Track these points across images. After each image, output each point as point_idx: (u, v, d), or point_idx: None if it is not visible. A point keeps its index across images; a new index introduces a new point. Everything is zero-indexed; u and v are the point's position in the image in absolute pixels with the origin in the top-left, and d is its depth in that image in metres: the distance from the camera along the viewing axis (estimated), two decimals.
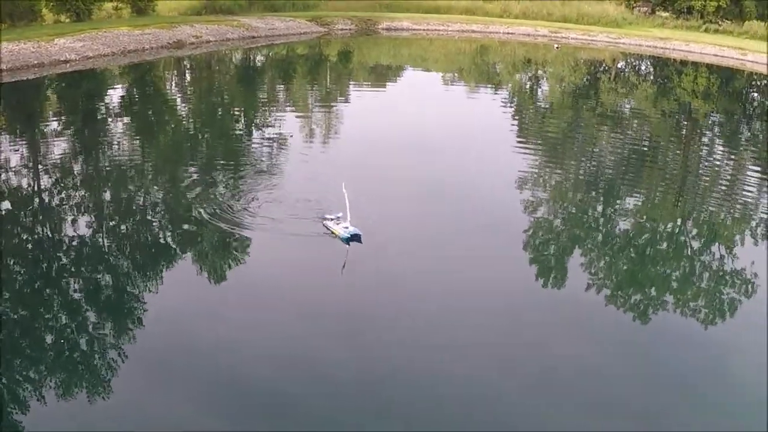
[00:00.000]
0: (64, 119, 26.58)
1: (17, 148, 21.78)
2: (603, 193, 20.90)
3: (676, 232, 18.17)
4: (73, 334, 11.79)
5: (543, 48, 54.39)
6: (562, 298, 14.10)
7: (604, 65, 50.64)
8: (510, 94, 38.80)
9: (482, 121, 29.94)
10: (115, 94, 31.72)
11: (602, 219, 18.78)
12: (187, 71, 40.18)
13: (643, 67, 52.34)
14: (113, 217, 16.90)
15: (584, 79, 44.04)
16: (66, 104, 29.49)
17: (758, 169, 24.72)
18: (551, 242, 16.97)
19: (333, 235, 15.03)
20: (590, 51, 54.34)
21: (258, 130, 26.39)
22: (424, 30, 57.72)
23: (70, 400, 10.09)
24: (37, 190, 18.25)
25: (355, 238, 14.78)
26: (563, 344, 12.14)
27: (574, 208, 19.60)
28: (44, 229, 16.23)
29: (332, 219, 15.33)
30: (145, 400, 10.22)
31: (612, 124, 31.71)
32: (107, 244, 15.37)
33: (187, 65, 41.24)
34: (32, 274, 13.93)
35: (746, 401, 10.96)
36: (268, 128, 26.38)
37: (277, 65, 44.07)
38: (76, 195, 18.14)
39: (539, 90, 41.26)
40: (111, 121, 26.47)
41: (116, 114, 27.62)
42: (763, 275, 15.14)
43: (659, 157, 26.31)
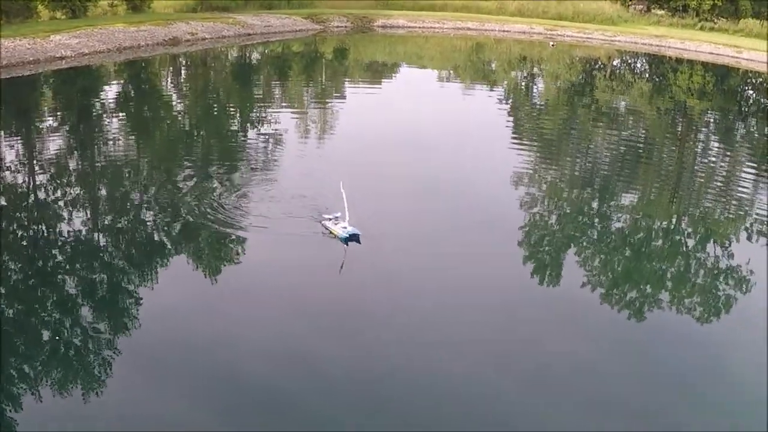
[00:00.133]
0: (59, 116, 26.54)
1: (12, 144, 21.75)
2: (598, 190, 20.94)
3: (672, 229, 18.21)
4: (68, 331, 11.76)
5: (538, 45, 54.41)
6: (557, 295, 14.12)
7: (599, 63, 50.70)
8: (505, 91, 38.81)
9: (478, 119, 29.98)
10: (111, 91, 31.64)
11: (598, 216, 18.80)
12: (182, 68, 40.12)
13: (638, 65, 52.41)
14: (108, 214, 16.87)
15: (580, 77, 44.08)
16: (61, 101, 29.42)
17: (753, 166, 24.79)
18: (547, 239, 16.99)
19: (332, 235, 15.01)
20: (586, 49, 54.39)
21: (253, 127, 26.38)
22: (419, 27, 57.71)
23: (66, 397, 10.06)
24: (32, 187, 18.20)
25: (354, 238, 14.75)
26: (559, 341, 12.15)
27: (570, 205, 19.62)
28: (39, 225, 16.17)
29: (330, 219, 15.27)
30: (141, 396, 10.20)
31: (607, 122, 31.77)
32: (102, 240, 15.34)
33: (183, 62, 41.17)
34: (27, 270, 13.88)
35: (742, 399, 10.97)
36: (263, 125, 26.36)
37: (273, 62, 44.01)
38: (71, 192, 18.09)
39: (535, 87, 41.31)
40: (106, 118, 26.42)
41: (111, 111, 27.56)
42: (759, 272, 15.16)
43: (654, 154, 26.36)
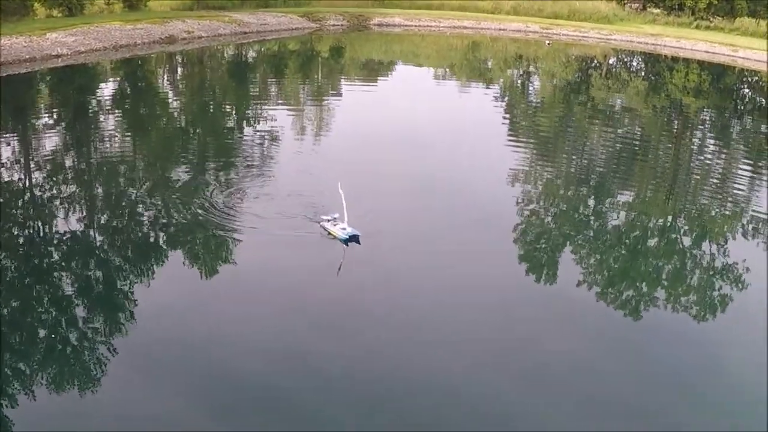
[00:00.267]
0: (55, 114, 26.51)
1: (8, 142, 21.67)
2: (594, 188, 20.96)
3: (668, 227, 18.24)
4: (64, 330, 11.74)
5: (534, 44, 54.46)
6: (554, 293, 14.14)
7: (595, 61, 50.75)
8: (501, 90, 38.86)
9: (474, 117, 30.02)
10: (107, 89, 31.62)
11: (594, 214, 18.82)
12: (178, 66, 40.07)
13: (634, 64, 52.48)
14: (104, 212, 16.85)
15: (575, 76, 44.13)
16: (57, 99, 29.37)
17: (749, 164, 24.85)
18: (543, 237, 17.01)
19: (331, 236, 14.96)
20: (581, 47, 54.46)
21: (250, 125, 26.34)
22: (415, 26, 57.73)
23: (61, 395, 10.05)
24: (27, 185, 18.17)
25: (354, 238, 14.72)
26: (556, 340, 12.17)
27: (566, 203, 19.66)
28: (34, 223, 16.15)
29: (329, 220, 15.20)
30: (138, 395, 10.18)
31: (603, 120, 31.83)
32: (98, 238, 15.32)
33: (179, 60, 41.12)
34: (22, 269, 13.84)
35: (739, 397, 11.01)
36: (259, 123, 26.33)
37: (269, 61, 43.98)
38: (67, 190, 18.06)
39: (531, 86, 41.34)
40: (102, 116, 26.37)
41: (108, 109, 27.52)
42: (755, 270, 15.21)
43: (650, 153, 26.40)
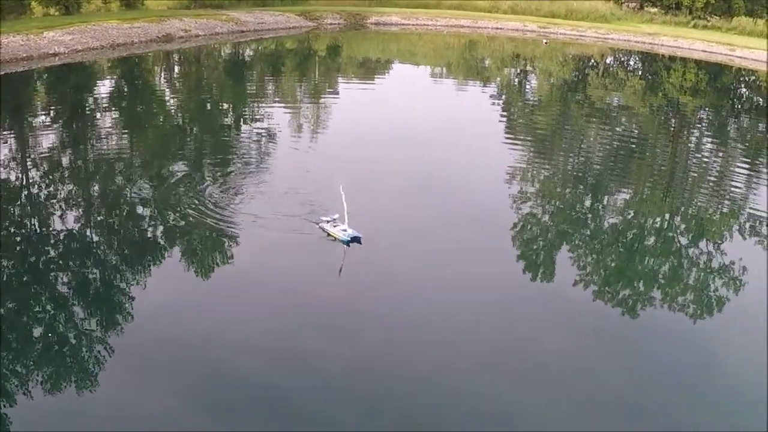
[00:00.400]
0: (52, 112, 26.45)
1: (5, 140, 21.65)
2: (591, 187, 20.97)
3: (665, 227, 18.26)
4: (60, 328, 11.73)
5: (532, 43, 54.48)
6: (551, 292, 14.15)
7: (592, 60, 50.78)
8: (498, 88, 38.86)
9: (471, 115, 30.03)
10: (104, 88, 31.57)
11: (591, 214, 18.84)
12: (176, 65, 40.03)
13: (631, 63, 52.52)
14: (101, 211, 16.82)
15: (573, 75, 44.15)
16: (54, 97, 29.30)
17: (746, 164, 24.89)
18: (540, 236, 17.02)
19: (331, 238, 14.84)
20: (579, 46, 54.49)
21: (247, 124, 26.34)
22: (412, 25, 57.71)
23: (58, 394, 10.05)
24: (24, 184, 18.13)
25: (356, 240, 14.63)
26: (554, 339, 12.17)
27: (563, 202, 19.66)
28: (31, 222, 16.12)
29: (329, 221, 15.03)
30: (136, 395, 10.18)
31: (600, 119, 31.84)
32: (94, 237, 15.30)
33: (176, 59, 41.08)
34: (18, 267, 13.83)
35: (736, 396, 11.04)
36: (256, 122, 26.33)
37: (266, 59, 43.93)
38: (64, 188, 18.05)
39: (528, 85, 41.34)
40: (99, 115, 26.34)
41: (105, 107, 27.48)
42: (752, 270, 15.24)
43: (647, 152, 26.42)
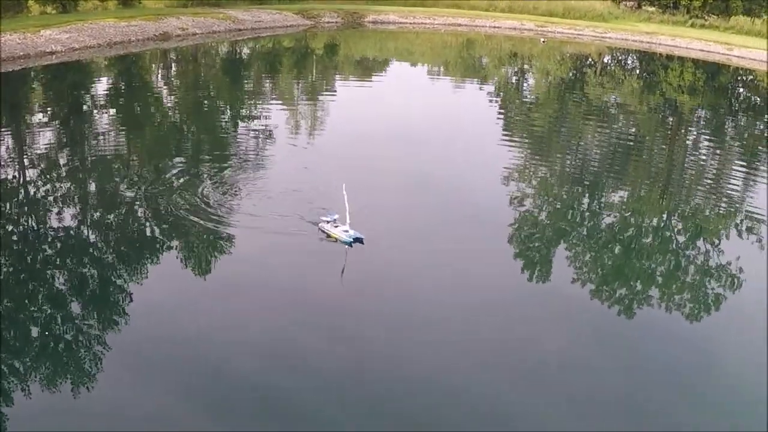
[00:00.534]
0: (49, 111, 26.41)
1: (2, 139, 21.61)
2: (589, 187, 20.97)
3: (662, 226, 18.27)
4: (58, 327, 11.71)
5: (529, 42, 54.48)
6: (548, 291, 14.14)
7: (590, 59, 50.79)
8: (496, 87, 38.86)
9: (468, 114, 30.02)
10: (101, 86, 31.50)
11: (588, 213, 18.84)
12: (173, 63, 39.97)
13: (629, 62, 52.54)
14: (97, 209, 16.77)
15: (570, 73, 44.16)
16: (51, 96, 29.27)
17: (744, 163, 24.92)
18: (538, 236, 17.02)
19: (331, 239, 14.70)
20: (576, 45, 54.48)
21: (244, 122, 26.31)
22: (410, 23, 57.67)
23: (55, 393, 10.03)
24: (21, 182, 18.10)
25: (358, 241, 14.51)
26: (552, 339, 12.17)
27: (560, 201, 19.66)
28: (28, 220, 16.09)
29: (329, 222, 14.82)
30: (134, 394, 10.16)
31: (598, 119, 31.84)
32: (91, 236, 15.28)
33: (173, 57, 41.02)
34: (15, 266, 13.79)
35: (735, 395, 11.05)
36: (254, 120, 26.31)
37: (264, 58, 43.91)
38: (61, 187, 18.01)
39: (525, 84, 41.35)
40: (96, 113, 26.29)
41: (102, 106, 27.42)
42: (749, 269, 15.25)
43: (645, 151, 26.45)
